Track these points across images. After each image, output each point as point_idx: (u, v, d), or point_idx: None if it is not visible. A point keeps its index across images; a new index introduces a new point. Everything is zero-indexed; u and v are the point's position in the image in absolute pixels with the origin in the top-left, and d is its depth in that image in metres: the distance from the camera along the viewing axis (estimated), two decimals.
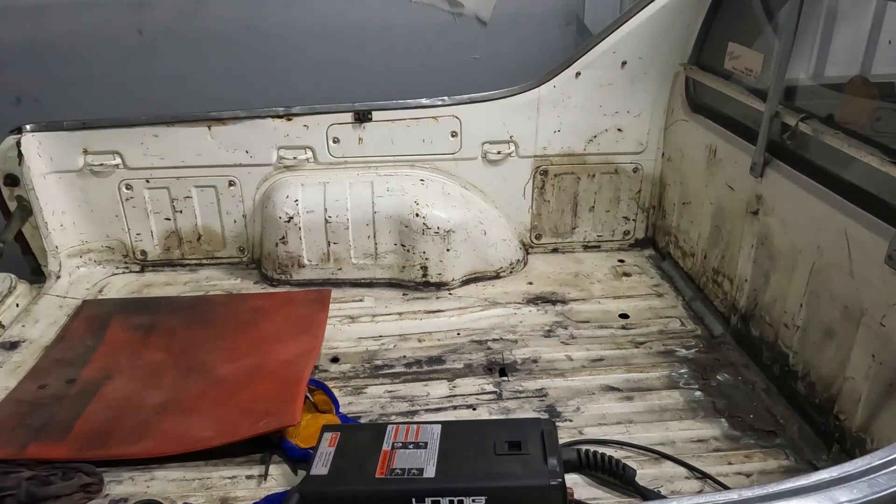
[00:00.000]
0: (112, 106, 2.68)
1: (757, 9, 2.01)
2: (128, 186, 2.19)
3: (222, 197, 2.23)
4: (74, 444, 1.52)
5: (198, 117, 2.13)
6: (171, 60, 2.86)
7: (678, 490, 1.41)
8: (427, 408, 1.69)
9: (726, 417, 1.63)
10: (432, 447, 1.35)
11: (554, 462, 1.29)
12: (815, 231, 1.56)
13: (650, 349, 1.91)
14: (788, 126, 1.65)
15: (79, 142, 2.12)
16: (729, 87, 1.95)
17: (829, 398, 1.52)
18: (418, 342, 1.95)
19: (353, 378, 1.80)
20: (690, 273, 2.21)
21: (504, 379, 1.79)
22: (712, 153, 2.03)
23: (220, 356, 1.84)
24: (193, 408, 1.64)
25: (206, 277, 2.29)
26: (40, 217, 2.12)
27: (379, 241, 2.17)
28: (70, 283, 2.21)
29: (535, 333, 1.98)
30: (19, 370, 1.81)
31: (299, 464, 1.47)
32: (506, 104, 2.20)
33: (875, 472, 0.85)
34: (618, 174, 2.36)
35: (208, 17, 2.83)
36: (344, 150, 2.18)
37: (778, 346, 1.72)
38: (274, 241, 2.19)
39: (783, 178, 1.69)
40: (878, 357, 1.36)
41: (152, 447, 1.52)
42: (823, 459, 1.50)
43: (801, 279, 1.61)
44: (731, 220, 1.95)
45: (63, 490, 1.38)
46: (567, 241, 2.45)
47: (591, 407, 1.68)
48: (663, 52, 2.19)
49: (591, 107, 2.24)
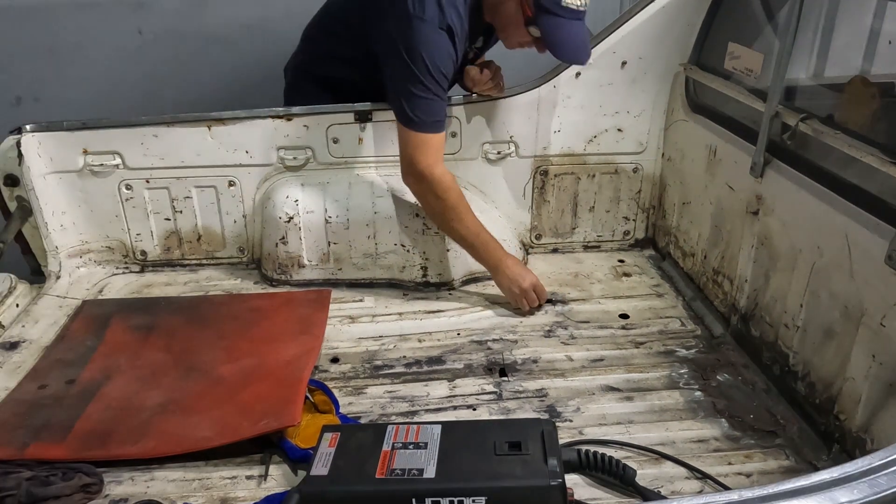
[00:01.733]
0: (112, 106, 2.68)
1: (757, 9, 2.01)
2: (128, 186, 2.19)
3: (222, 197, 2.23)
4: (74, 444, 1.52)
5: (198, 117, 2.13)
6: (171, 60, 2.85)
7: (678, 490, 1.41)
8: (427, 408, 1.69)
9: (726, 418, 1.63)
10: (432, 447, 1.35)
11: (554, 462, 1.29)
12: (815, 231, 1.56)
13: (650, 349, 1.91)
14: (788, 126, 1.65)
15: (79, 142, 2.12)
16: (729, 87, 1.95)
17: (830, 398, 1.52)
18: (418, 342, 1.95)
19: (353, 378, 1.80)
20: (690, 273, 2.21)
21: (504, 379, 1.79)
22: (712, 153, 2.03)
23: (220, 356, 1.84)
24: (193, 408, 1.64)
25: (206, 277, 2.29)
26: (40, 217, 2.12)
27: (379, 241, 2.17)
28: (70, 284, 2.21)
29: (536, 334, 1.98)
30: (19, 370, 1.81)
31: (299, 464, 1.47)
32: (505, 104, 2.20)
33: (875, 473, 0.85)
34: (618, 174, 2.36)
35: (208, 17, 2.83)
36: (344, 150, 2.18)
37: (778, 347, 1.72)
38: (274, 242, 2.19)
39: (783, 179, 1.69)
40: (879, 357, 1.36)
41: (152, 447, 1.52)
42: (824, 460, 1.50)
43: (802, 279, 1.61)
44: (731, 221, 1.95)
45: (63, 490, 1.38)
46: (567, 242, 2.45)
47: (591, 407, 1.68)
48: (663, 52, 2.20)
49: (591, 107, 2.24)
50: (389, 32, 1.85)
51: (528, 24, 1.88)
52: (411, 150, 1.93)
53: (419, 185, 1.97)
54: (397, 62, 1.85)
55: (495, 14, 1.95)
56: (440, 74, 1.87)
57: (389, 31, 1.84)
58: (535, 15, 1.84)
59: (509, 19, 1.90)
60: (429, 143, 1.92)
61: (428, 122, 1.91)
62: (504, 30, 1.97)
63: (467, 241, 2.03)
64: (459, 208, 1.99)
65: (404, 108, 1.89)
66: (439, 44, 1.84)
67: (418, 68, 1.83)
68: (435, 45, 1.84)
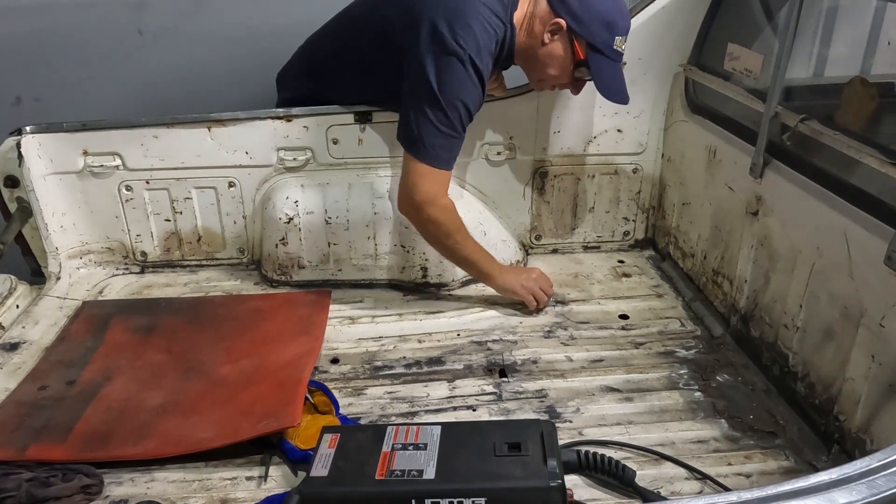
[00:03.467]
0: (112, 106, 2.68)
1: (757, 9, 2.01)
2: (128, 188, 2.19)
3: (222, 198, 2.23)
4: (74, 445, 1.53)
5: (197, 118, 2.13)
6: (171, 60, 2.85)
7: (678, 491, 1.42)
8: (427, 409, 1.69)
9: (726, 418, 1.63)
10: (432, 448, 1.35)
11: (554, 463, 1.29)
12: (815, 232, 1.56)
13: (650, 350, 1.91)
14: (788, 127, 1.65)
15: (79, 143, 2.13)
16: (729, 87, 1.95)
17: (829, 399, 1.52)
18: (418, 343, 1.95)
19: (352, 379, 1.81)
20: (690, 274, 2.21)
21: (504, 380, 1.79)
22: (712, 154, 2.03)
23: (220, 357, 1.84)
24: (193, 409, 1.64)
25: (206, 278, 2.29)
26: (40, 218, 2.12)
27: (379, 241, 2.17)
28: (70, 285, 2.21)
29: (535, 334, 1.98)
30: (19, 371, 1.81)
31: (299, 465, 1.47)
32: (505, 105, 2.20)
33: (874, 474, 0.85)
34: (617, 175, 2.36)
35: (208, 17, 2.83)
36: (344, 151, 2.18)
37: (778, 347, 1.72)
38: (274, 242, 2.19)
39: (783, 179, 1.69)
40: (878, 358, 1.36)
41: (152, 448, 1.52)
42: (823, 460, 1.50)
43: (801, 280, 1.61)
44: (730, 221, 1.95)
45: (63, 491, 1.38)
46: (567, 242, 2.45)
47: (591, 408, 1.68)
48: (663, 53, 2.20)
49: (590, 108, 2.24)
50: (424, 66, 1.81)
51: (577, 65, 1.90)
52: (416, 179, 1.89)
53: (419, 215, 1.94)
54: (426, 94, 1.82)
55: (529, 60, 1.95)
56: (467, 115, 1.87)
57: (424, 65, 1.81)
58: (588, 57, 1.86)
59: (554, 60, 1.90)
60: (439, 177, 1.90)
61: (443, 158, 1.89)
62: (542, 72, 1.95)
63: (469, 260, 2.02)
64: (462, 232, 1.98)
65: (421, 138, 1.85)
66: (473, 85, 1.84)
67: (448, 105, 1.82)
68: (469, 85, 1.83)
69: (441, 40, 1.80)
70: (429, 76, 1.81)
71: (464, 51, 1.80)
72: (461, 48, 1.79)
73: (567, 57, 1.89)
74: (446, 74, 1.81)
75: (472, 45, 1.80)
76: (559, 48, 1.89)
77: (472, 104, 1.87)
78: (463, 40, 1.80)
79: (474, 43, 1.81)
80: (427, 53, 1.82)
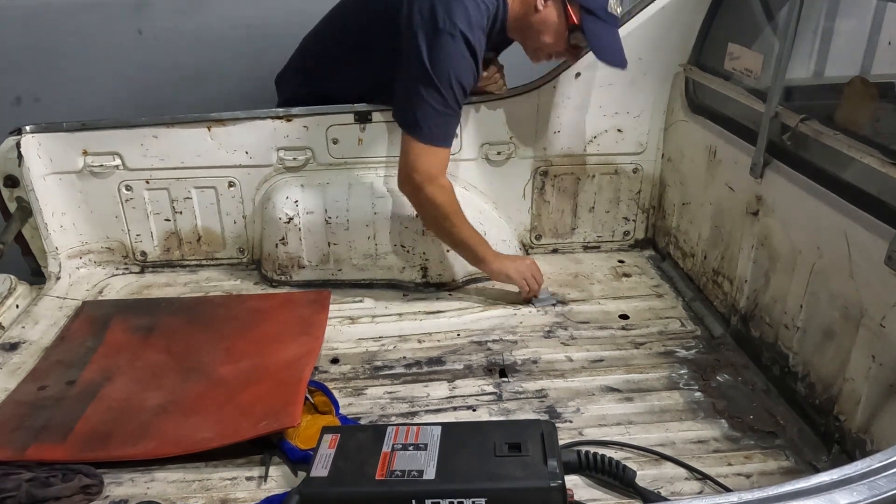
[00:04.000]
0: (112, 106, 2.67)
1: (757, 9, 2.01)
2: (127, 187, 2.19)
3: (222, 198, 2.23)
4: (74, 445, 1.52)
5: (197, 118, 2.13)
6: (171, 60, 2.85)
7: (678, 491, 1.42)
8: (427, 409, 1.69)
9: (726, 418, 1.63)
10: (432, 449, 1.35)
11: (554, 463, 1.29)
12: (815, 232, 1.56)
13: (650, 350, 1.91)
14: (788, 127, 1.65)
15: (78, 143, 2.12)
16: (729, 87, 1.95)
17: (829, 399, 1.52)
18: (418, 343, 1.95)
19: (352, 379, 1.81)
20: (690, 274, 2.21)
21: (504, 380, 1.79)
22: (712, 154, 2.03)
23: (220, 357, 1.84)
24: (193, 409, 1.64)
25: (205, 278, 2.29)
26: (40, 218, 2.12)
27: (379, 241, 2.17)
28: (70, 285, 2.21)
29: (535, 334, 1.98)
30: (19, 371, 1.81)
31: (299, 465, 1.47)
32: (505, 105, 2.20)
33: (875, 475, 0.85)
34: (618, 175, 2.36)
35: (208, 17, 2.83)
36: (343, 150, 2.18)
37: (778, 347, 1.72)
38: (274, 242, 2.19)
39: (783, 179, 1.69)
40: (878, 358, 1.36)
41: (152, 448, 1.52)
42: (823, 460, 1.50)
43: (801, 280, 1.61)
44: (730, 221, 1.95)
45: (63, 492, 1.38)
46: (567, 242, 2.45)
47: (591, 408, 1.68)
48: (663, 53, 2.20)
49: (590, 107, 2.24)
50: (416, 44, 1.82)
51: (571, 31, 1.89)
52: (414, 158, 1.91)
53: (418, 195, 1.95)
54: (419, 73, 1.83)
55: (524, 29, 1.95)
56: (461, 91, 1.87)
57: (416, 44, 1.82)
58: (582, 21, 1.85)
59: (548, 27, 1.90)
60: (436, 155, 1.91)
61: (439, 136, 1.89)
62: (537, 40, 1.95)
63: (465, 244, 2.03)
64: (459, 215, 1.99)
65: (416, 117, 1.86)
66: (466, 61, 1.84)
67: (442, 83, 1.83)
68: (462, 61, 1.84)
69: (433, 18, 1.80)
70: (422, 55, 1.82)
71: (455, 27, 1.80)
72: (453, 25, 1.80)
73: (561, 23, 1.89)
74: (439, 52, 1.81)
75: (463, 22, 1.81)
76: (553, 14, 1.88)
77: (465, 81, 1.87)
78: (454, 17, 1.80)
79: (465, 19, 1.81)
80: (419, 32, 1.82)
